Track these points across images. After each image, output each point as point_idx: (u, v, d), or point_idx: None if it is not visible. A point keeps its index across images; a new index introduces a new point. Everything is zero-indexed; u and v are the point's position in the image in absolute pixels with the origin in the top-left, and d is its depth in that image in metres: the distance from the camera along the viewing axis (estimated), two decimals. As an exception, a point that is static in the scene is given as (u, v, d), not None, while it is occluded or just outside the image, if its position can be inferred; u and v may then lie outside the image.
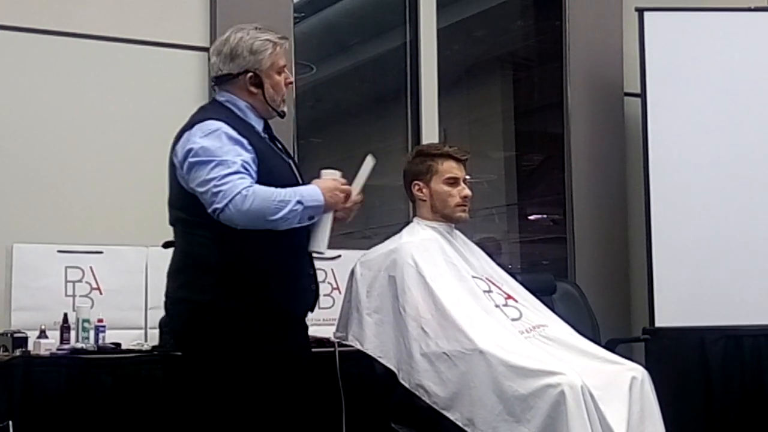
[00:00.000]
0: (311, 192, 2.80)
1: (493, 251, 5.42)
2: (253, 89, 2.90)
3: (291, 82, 3.02)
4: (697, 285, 4.50)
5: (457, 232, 3.44)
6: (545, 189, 5.79)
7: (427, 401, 3.04)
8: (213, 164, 2.72)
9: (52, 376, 3.04)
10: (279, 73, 2.94)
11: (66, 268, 3.54)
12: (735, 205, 4.55)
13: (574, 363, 3.02)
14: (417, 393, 3.07)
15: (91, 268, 3.58)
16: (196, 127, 2.79)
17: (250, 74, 2.89)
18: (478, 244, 3.54)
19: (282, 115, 3.00)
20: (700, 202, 4.56)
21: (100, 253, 3.62)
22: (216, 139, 2.74)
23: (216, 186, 2.68)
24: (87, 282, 3.56)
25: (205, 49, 4.01)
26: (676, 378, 4.30)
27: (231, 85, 2.91)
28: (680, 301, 4.50)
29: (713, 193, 4.56)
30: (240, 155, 2.73)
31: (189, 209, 2.80)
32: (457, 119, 5.64)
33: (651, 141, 4.56)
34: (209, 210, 2.71)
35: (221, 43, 2.93)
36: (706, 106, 4.61)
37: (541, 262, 5.89)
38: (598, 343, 3.45)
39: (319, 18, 4.76)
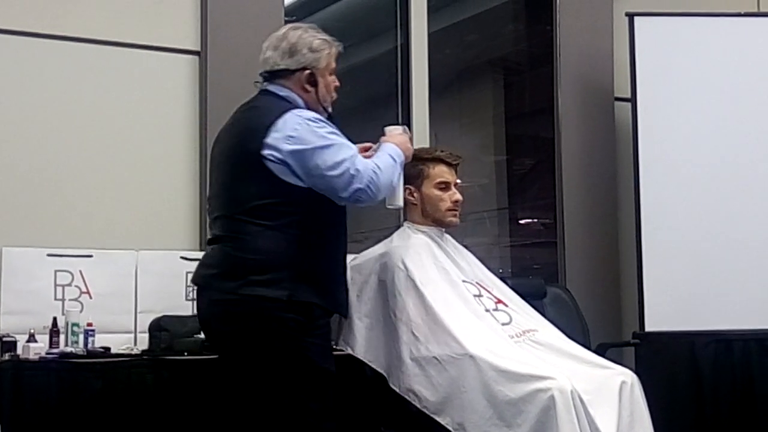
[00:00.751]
0: (395, 150, 2.98)
1: (486, 256, 5.45)
2: (308, 87, 2.95)
3: (338, 86, 3.05)
4: (687, 289, 4.51)
5: (448, 236, 3.44)
6: (536, 193, 5.79)
7: (418, 406, 3.04)
8: (335, 146, 2.80)
9: (42, 380, 3.03)
10: (330, 75, 3.00)
11: (55, 271, 3.54)
12: (725, 210, 4.56)
13: (564, 367, 3.02)
14: (407, 397, 3.07)
15: (80, 272, 3.57)
16: (291, 115, 2.81)
17: (307, 71, 2.94)
18: (467, 247, 3.54)
19: (330, 116, 3.01)
20: (691, 207, 4.57)
21: (90, 257, 3.61)
22: (322, 124, 2.83)
23: (353, 166, 2.78)
24: (76, 286, 3.56)
25: (197, 53, 4.02)
26: (666, 382, 4.31)
27: (286, 80, 2.95)
28: (670, 306, 4.51)
29: (703, 198, 4.57)
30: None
31: (271, 200, 2.80)
32: (448, 123, 5.64)
33: (641, 145, 4.57)
34: (345, 192, 2.79)
35: (278, 38, 2.95)
36: (696, 110, 4.62)
37: (532, 267, 5.89)
38: (589, 348, 3.45)
39: (310, 21, 4.75)
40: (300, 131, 2.78)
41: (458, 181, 3.41)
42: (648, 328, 4.49)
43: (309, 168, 2.78)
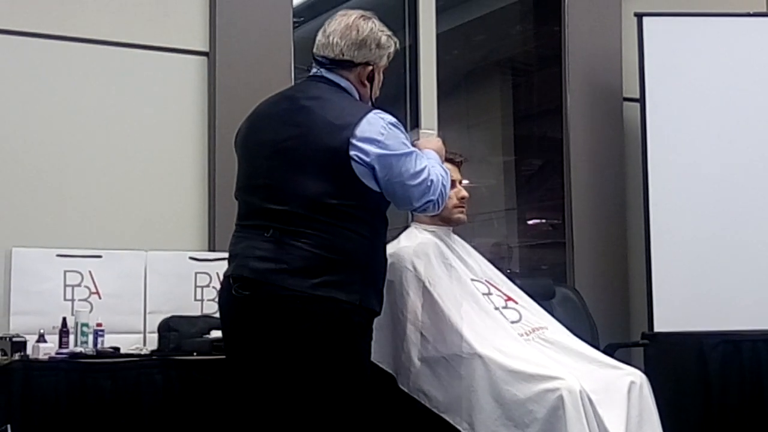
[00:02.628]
0: (437, 157, 2.95)
1: (503, 256, 5.45)
2: (365, 82, 2.89)
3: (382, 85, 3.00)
4: (696, 290, 4.50)
5: (455, 235, 3.44)
6: (544, 194, 5.79)
7: (427, 405, 3.05)
8: (415, 155, 2.78)
9: (51, 381, 3.03)
10: (382, 74, 2.95)
11: (65, 272, 3.55)
12: (734, 210, 4.55)
13: (573, 367, 3.02)
14: (417, 397, 3.08)
15: (90, 272, 3.58)
16: (376, 117, 2.74)
17: (370, 67, 2.88)
18: (475, 248, 3.54)
19: None
20: (700, 207, 4.56)
21: (99, 257, 3.62)
22: (402, 129, 2.79)
23: (429, 177, 2.77)
24: (86, 286, 3.56)
25: (205, 54, 4.02)
26: (674, 383, 4.30)
27: (348, 71, 2.87)
28: (679, 306, 4.50)
29: (712, 198, 4.56)
30: None
31: (348, 201, 2.72)
32: (456, 124, 5.64)
33: (650, 146, 4.57)
34: (418, 202, 2.77)
35: (347, 27, 2.84)
36: (705, 111, 4.61)
37: (540, 267, 5.89)
38: (597, 348, 3.45)
39: (318, 22, 4.71)
40: (387, 136, 2.72)
41: (464, 180, 3.42)
42: (657, 328, 4.48)
43: (392, 174, 2.72)
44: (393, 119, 2.78)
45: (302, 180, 2.72)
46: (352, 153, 2.69)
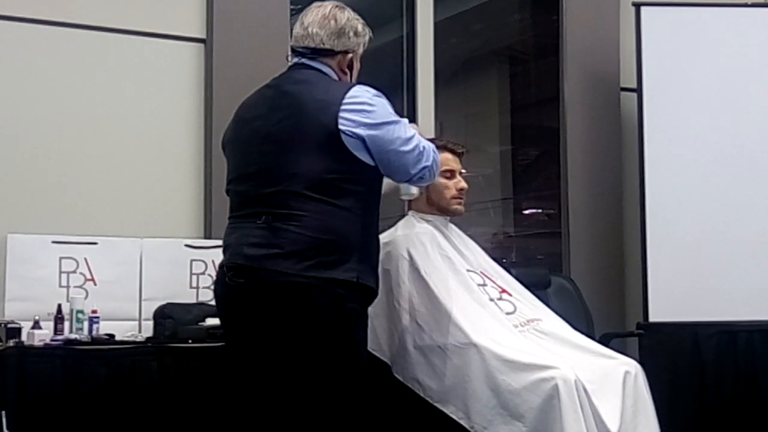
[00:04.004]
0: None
1: (499, 245, 5.46)
2: (346, 70, 2.93)
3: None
4: (691, 280, 4.51)
5: (452, 225, 3.44)
6: (541, 183, 5.79)
7: (422, 394, 3.05)
8: (403, 123, 2.82)
9: (46, 367, 3.03)
10: (360, 62, 2.98)
11: (60, 258, 3.54)
12: (730, 201, 4.55)
13: (568, 357, 3.02)
14: (411, 386, 3.08)
15: (85, 259, 3.58)
16: (360, 89, 2.77)
17: (349, 55, 2.92)
18: (471, 237, 3.54)
19: None
20: (696, 198, 4.56)
21: (95, 244, 3.62)
22: (387, 101, 2.81)
23: (420, 143, 2.80)
24: (81, 273, 3.56)
25: (202, 41, 4.02)
26: (669, 373, 4.31)
27: (329, 59, 2.90)
28: (674, 296, 4.51)
29: (709, 189, 4.56)
30: None
31: (341, 176, 2.72)
32: (453, 113, 5.63)
33: (647, 136, 4.57)
34: (414, 169, 2.80)
35: (324, 17, 2.89)
36: (702, 101, 4.61)
37: (536, 257, 5.89)
38: (593, 338, 3.45)
39: (315, 10, 4.76)
40: (375, 106, 2.75)
41: (463, 170, 3.41)
42: (652, 318, 4.49)
43: (384, 142, 2.74)
44: (377, 91, 2.81)
45: (295, 158, 2.73)
46: (341, 126, 2.71)
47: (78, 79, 3.81)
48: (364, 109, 2.73)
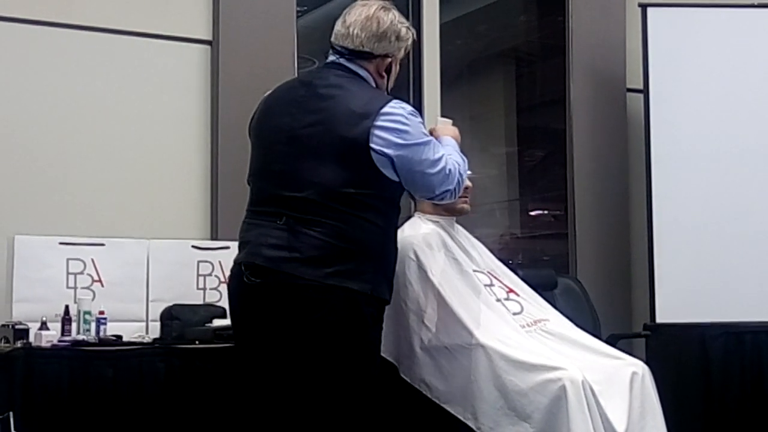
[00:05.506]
0: (455, 144, 2.95)
1: (505, 246, 5.45)
2: (383, 74, 2.88)
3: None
4: (698, 281, 4.50)
5: (459, 226, 3.43)
6: (547, 184, 5.79)
7: (429, 395, 3.05)
8: (433, 143, 2.78)
9: (53, 368, 3.02)
10: (399, 65, 2.94)
11: (67, 260, 3.54)
12: (737, 202, 4.55)
13: (575, 358, 3.02)
14: (418, 387, 3.08)
15: (92, 260, 3.57)
16: (395, 106, 2.73)
17: (389, 59, 2.87)
18: (478, 238, 3.54)
19: None
20: (702, 199, 4.56)
21: (102, 245, 3.61)
22: (419, 119, 2.79)
23: (447, 166, 2.77)
24: (88, 274, 3.56)
25: (208, 42, 4.02)
26: (676, 374, 4.31)
27: (367, 62, 2.85)
28: (681, 297, 4.50)
29: (715, 189, 4.56)
30: None
31: (365, 190, 2.71)
32: (459, 114, 5.62)
33: (653, 137, 4.56)
34: (438, 190, 2.77)
35: (367, 18, 2.82)
36: (708, 102, 4.60)
37: (543, 258, 5.89)
38: (599, 339, 3.45)
39: (321, 12, 4.75)
40: (408, 126, 2.71)
41: (468, 171, 3.41)
42: (659, 319, 4.48)
43: (413, 163, 2.71)
44: (412, 108, 2.78)
45: (319, 167, 2.70)
46: (372, 143, 2.68)
47: (85, 81, 3.82)
48: (397, 128, 2.70)
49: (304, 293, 2.65)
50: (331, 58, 2.88)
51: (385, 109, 2.70)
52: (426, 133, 2.80)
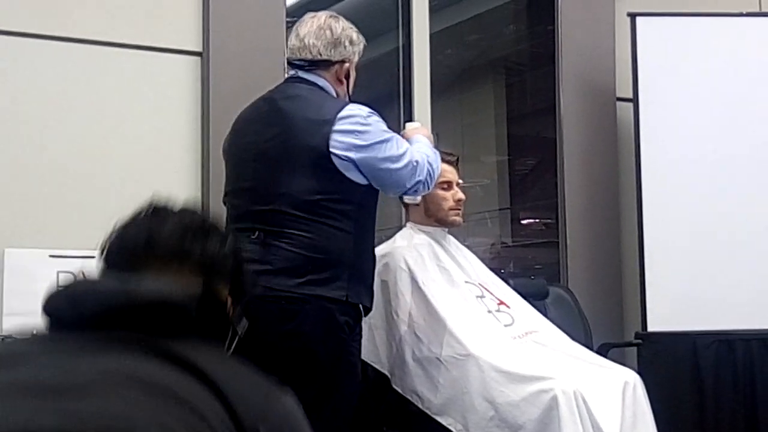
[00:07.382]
0: (427, 141, 2.99)
1: (496, 255, 5.45)
2: (342, 79, 2.94)
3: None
4: (689, 289, 4.50)
5: (450, 237, 3.44)
6: (538, 193, 5.79)
7: (420, 407, 3.04)
8: (395, 139, 2.82)
9: (44, 382, 3.01)
10: (356, 71, 2.99)
11: (58, 272, 3.52)
12: (728, 210, 4.55)
13: (567, 368, 3.02)
14: (410, 398, 3.07)
15: (83, 273, 3.55)
16: (352, 109, 2.78)
17: (346, 64, 2.93)
18: (469, 247, 3.54)
19: None
20: (693, 207, 4.56)
21: (92, 257, 3.58)
22: (380, 117, 2.82)
23: (413, 158, 2.79)
24: (79, 287, 3.54)
25: (198, 54, 4.01)
26: (668, 382, 4.30)
27: (325, 71, 2.91)
28: (673, 306, 4.50)
29: (706, 198, 4.56)
30: None
31: (332, 196, 2.74)
32: (449, 124, 5.64)
33: (643, 146, 4.56)
34: (408, 184, 2.79)
35: (319, 27, 2.90)
36: (698, 111, 4.61)
37: (534, 267, 5.89)
38: (591, 348, 3.45)
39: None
40: (367, 126, 2.76)
41: (460, 180, 3.41)
42: (650, 328, 4.48)
43: (376, 161, 2.75)
44: (370, 110, 2.83)
45: (285, 178, 2.75)
46: (333, 148, 2.72)
47: (74, 93, 3.80)
48: (356, 129, 2.74)
49: (275, 304, 2.68)
50: (291, 72, 2.95)
51: (342, 113, 2.76)
52: (387, 131, 2.83)
